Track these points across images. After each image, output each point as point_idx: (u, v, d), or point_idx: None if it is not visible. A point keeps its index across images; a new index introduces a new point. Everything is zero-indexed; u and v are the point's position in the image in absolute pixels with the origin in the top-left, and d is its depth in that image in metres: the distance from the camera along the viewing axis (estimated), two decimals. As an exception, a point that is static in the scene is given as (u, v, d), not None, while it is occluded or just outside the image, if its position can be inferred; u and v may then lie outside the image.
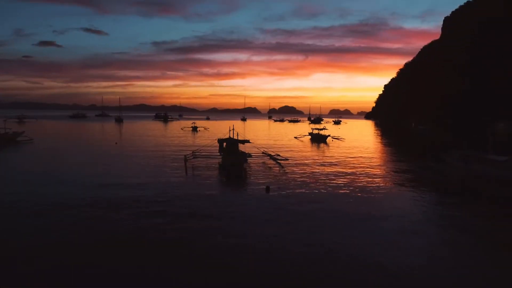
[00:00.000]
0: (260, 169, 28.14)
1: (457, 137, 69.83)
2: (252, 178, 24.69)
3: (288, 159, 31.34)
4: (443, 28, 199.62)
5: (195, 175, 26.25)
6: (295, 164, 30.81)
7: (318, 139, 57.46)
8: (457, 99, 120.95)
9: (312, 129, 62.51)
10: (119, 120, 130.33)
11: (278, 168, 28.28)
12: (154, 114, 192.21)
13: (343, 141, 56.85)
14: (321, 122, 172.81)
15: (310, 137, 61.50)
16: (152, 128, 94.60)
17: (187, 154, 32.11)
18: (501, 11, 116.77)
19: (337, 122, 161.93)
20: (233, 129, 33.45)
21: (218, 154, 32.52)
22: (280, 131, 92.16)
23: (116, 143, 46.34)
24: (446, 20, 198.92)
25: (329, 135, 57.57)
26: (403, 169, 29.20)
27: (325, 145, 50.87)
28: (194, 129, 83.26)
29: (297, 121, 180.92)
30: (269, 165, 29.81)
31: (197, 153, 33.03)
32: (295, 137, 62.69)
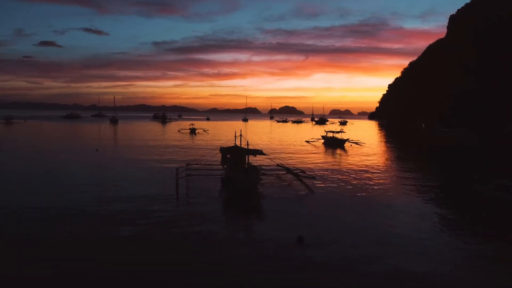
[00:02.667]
0: (279, 192, 20.57)
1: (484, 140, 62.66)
2: (270, 208, 17.35)
3: (316, 178, 23.55)
4: (448, 27, 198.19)
5: (189, 199, 19.07)
6: (324, 183, 23.27)
7: (333, 144, 50.02)
8: (463, 98, 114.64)
9: (326, 131, 54.90)
10: (114, 121, 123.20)
11: (304, 190, 20.88)
12: (152, 115, 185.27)
13: (363, 146, 49.41)
14: (326, 123, 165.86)
15: (323, 141, 54.16)
16: (148, 130, 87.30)
17: (180, 167, 24.84)
18: (505, 10, 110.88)
19: (343, 123, 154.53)
20: (240, 135, 25.98)
21: (220, 166, 25.35)
22: (286, 133, 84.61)
23: (97, 149, 38.76)
24: (452, 18, 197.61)
25: (347, 139, 49.99)
26: (474, 192, 21.83)
27: (343, 152, 43.47)
28: (193, 131, 75.18)
29: (300, 121, 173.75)
30: (289, 184, 22.40)
31: (193, 165, 25.78)
32: (307, 141, 55.18)
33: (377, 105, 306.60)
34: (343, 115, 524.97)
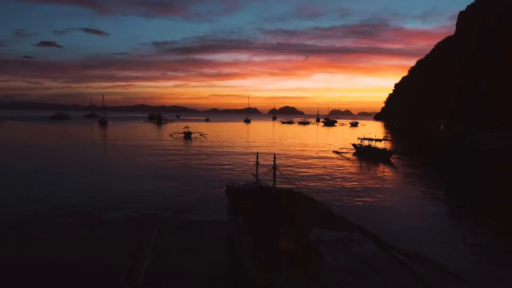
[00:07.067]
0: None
1: None
2: None
3: (466, 279, 8.83)
4: (457, 24, 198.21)
5: None
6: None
7: (371, 156, 37.45)
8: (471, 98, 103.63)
9: (360, 139, 42.18)
10: (102, 123, 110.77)
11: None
12: (148, 115, 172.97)
13: (410, 159, 36.93)
14: (335, 124, 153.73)
15: (354, 151, 41.78)
16: (137, 133, 74.79)
17: (146, 227, 12.65)
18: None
19: (354, 124, 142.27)
20: (274, 164, 12.10)
21: (223, 220, 13.28)
22: (297, 137, 71.35)
23: (36, 170, 25.87)
24: (461, 15, 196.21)
25: (395, 152, 37.23)
26: None
27: (390, 168, 31.22)
28: (187, 135, 61.25)
29: (307, 123, 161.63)
30: None
31: (170, 221, 13.57)
32: (335, 152, 42.50)
33: (382, 105, 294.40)
34: (343, 115, 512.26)
